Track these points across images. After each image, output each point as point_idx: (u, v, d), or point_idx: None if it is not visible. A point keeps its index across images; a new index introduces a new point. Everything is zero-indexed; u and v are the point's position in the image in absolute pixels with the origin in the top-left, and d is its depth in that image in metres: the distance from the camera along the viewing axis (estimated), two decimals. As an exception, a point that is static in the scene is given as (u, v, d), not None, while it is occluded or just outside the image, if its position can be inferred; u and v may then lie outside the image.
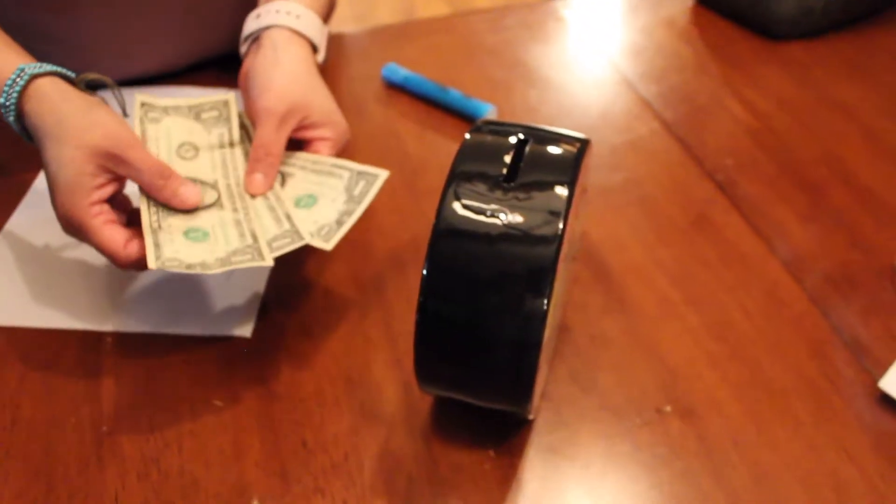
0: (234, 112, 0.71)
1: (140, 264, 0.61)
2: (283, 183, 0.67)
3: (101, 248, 0.60)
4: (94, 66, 0.61)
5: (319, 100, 0.69)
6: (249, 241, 0.61)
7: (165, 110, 0.69)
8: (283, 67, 0.69)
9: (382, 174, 0.65)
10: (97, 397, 0.62)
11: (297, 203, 0.65)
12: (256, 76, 0.68)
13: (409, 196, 0.78)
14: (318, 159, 0.67)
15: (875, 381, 0.62)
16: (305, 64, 0.70)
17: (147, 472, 0.57)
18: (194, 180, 0.65)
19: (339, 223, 0.62)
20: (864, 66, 0.96)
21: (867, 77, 0.94)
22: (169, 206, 0.63)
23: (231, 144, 0.69)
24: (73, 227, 0.61)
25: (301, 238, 0.61)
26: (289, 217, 0.63)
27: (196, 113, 0.70)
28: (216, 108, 0.70)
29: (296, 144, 0.70)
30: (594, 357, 0.64)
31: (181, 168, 0.66)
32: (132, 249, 0.60)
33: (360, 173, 0.65)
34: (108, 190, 0.61)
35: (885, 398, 0.61)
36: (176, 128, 0.68)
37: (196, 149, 0.67)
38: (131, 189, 0.63)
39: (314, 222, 0.63)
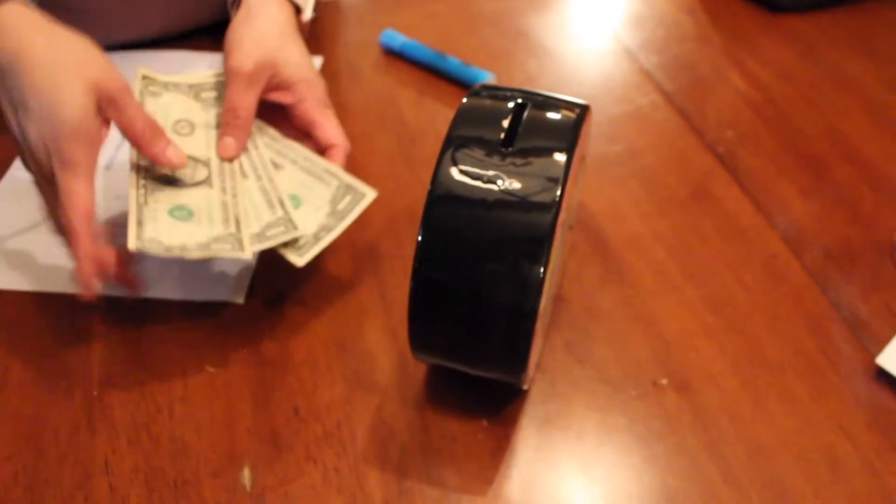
0: None
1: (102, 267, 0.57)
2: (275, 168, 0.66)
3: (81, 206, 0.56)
4: (85, 32, 0.59)
5: (289, 55, 0.67)
6: (232, 229, 0.61)
7: (166, 86, 0.68)
8: (252, 26, 0.67)
9: (369, 195, 0.64)
10: (88, 362, 0.61)
11: None
12: (227, 37, 0.67)
13: (406, 164, 0.77)
14: (310, 156, 0.67)
15: (873, 357, 0.61)
16: (278, 23, 0.68)
17: (138, 438, 0.57)
18: (187, 157, 0.65)
19: (317, 238, 0.62)
20: (867, 40, 0.95)
21: (871, 51, 0.93)
22: (155, 176, 0.62)
23: None
24: (63, 162, 0.55)
25: (295, 228, 0.61)
26: (282, 203, 0.63)
27: (196, 92, 0.69)
28: (216, 88, 0.69)
29: (283, 117, 0.69)
30: (590, 328, 0.64)
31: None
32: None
33: (348, 186, 0.65)
34: (105, 134, 0.58)
35: (882, 374, 0.60)
36: (174, 104, 0.67)
37: (192, 125, 0.67)
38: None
39: None
